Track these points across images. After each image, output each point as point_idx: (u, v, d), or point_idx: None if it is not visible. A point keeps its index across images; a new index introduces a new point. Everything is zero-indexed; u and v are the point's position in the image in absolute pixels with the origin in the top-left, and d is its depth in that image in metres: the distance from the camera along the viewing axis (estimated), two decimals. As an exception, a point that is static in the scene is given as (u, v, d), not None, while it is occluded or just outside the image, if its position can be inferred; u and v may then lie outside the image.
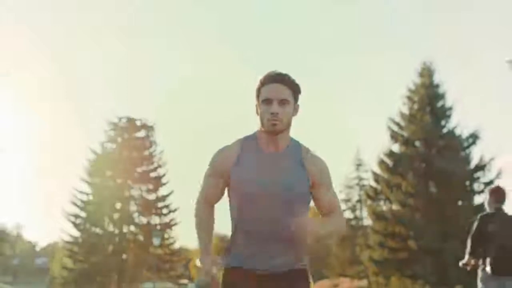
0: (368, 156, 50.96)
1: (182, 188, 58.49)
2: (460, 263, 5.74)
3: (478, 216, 5.62)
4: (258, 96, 2.74)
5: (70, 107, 79.62)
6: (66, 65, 72.98)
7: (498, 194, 5.64)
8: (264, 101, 2.69)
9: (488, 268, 5.38)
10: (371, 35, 72.39)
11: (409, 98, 28.26)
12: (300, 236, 2.60)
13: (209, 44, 79.80)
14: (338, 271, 34.54)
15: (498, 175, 26.24)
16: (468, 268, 5.64)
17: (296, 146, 2.77)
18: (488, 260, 5.40)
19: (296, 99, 2.74)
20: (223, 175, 2.75)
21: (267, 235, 2.66)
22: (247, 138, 2.80)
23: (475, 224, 5.51)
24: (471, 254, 5.53)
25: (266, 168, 2.69)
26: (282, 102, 2.67)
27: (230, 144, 2.80)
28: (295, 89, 2.73)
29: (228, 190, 2.79)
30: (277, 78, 2.70)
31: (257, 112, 2.76)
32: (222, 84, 75.96)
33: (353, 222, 36.41)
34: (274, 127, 2.67)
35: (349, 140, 66.27)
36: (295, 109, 2.75)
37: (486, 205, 5.77)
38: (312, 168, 2.72)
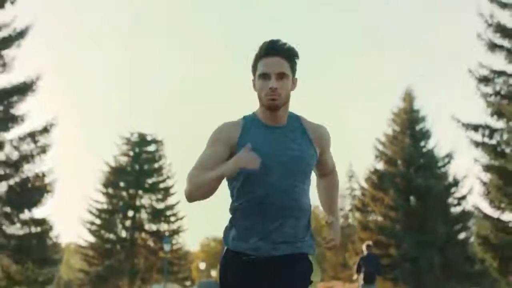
0: (360, 167, 55.39)
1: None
2: (353, 277, 11.70)
3: (360, 257, 11.28)
4: (254, 70, 2.72)
5: (71, 110, 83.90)
6: (67, 67, 77.06)
7: (368, 247, 12.11)
8: (261, 76, 2.66)
9: (362, 281, 11.00)
10: (370, 37, 76.89)
11: (393, 120, 32.79)
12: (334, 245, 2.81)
13: (213, 47, 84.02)
14: (331, 274, 39.15)
15: (470, 190, 30.76)
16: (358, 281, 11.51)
17: (296, 118, 2.79)
18: (361, 276, 10.98)
19: (294, 72, 2.72)
20: (228, 145, 2.69)
21: (277, 208, 2.64)
22: (247, 116, 2.80)
23: (358, 260, 11.21)
24: (357, 273, 11.13)
25: (274, 140, 2.69)
26: (280, 76, 2.65)
27: (231, 121, 2.78)
28: (293, 62, 2.70)
29: None
30: (274, 51, 2.67)
31: (254, 88, 2.73)
32: (226, 89, 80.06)
33: (346, 230, 40.91)
34: (274, 102, 2.65)
35: (344, 148, 70.53)
36: (294, 83, 2.73)
37: (363, 250, 11.35)
38: (317, 137, 2.76)
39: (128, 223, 38.82)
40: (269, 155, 2.64)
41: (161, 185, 39.60)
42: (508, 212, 17.80)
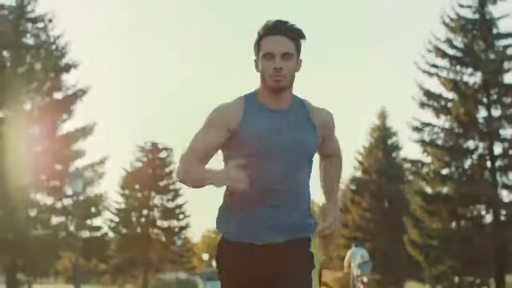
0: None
1: (195, 198, 74.36)
2: None
3: None
4: (257, 50, 2.81)
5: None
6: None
7: None
8: (265, 56, 2.75)
9: None
10: (375, 28, 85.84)
11: (370, 134, 42.18)
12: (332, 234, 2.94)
13: (219, 49, 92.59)
14: (322, 265, 48.96)
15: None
16: None
17: (299, 101, 2.90)
18: None
19: (299, 52, 2.82)
20: (227, 128, 2.80)
21: (278, 195, 2.79)
22: (248, 96, 2.86)
23: None
24: None
25: (277, 126, 2.80)
26: (285, 56, 2.74)
27: (230, 101, 2.86)
28: (299, 42, 2.81)
29: (227, 150, 2.86)
30: (279, 30, 2.76)
31: (257, 68, 2.83)
32: (230, 91, 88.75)
33: (333, 226, 50.58)
34: (278, 84, 2.75)
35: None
36: (298, 64, 2.83)
37: None
38: (320, 121, 2.90)
39: (142, 220, 47.97)
40: (272, 141, 2.76)
41: (171, 187, 48.64)
42: (429, 223, 27.30)
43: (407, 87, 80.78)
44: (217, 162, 2.89)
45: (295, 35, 2.79)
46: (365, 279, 17.99)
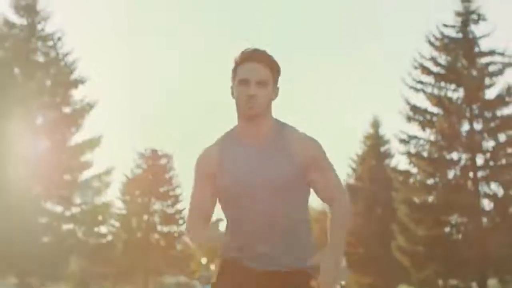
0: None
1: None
2: None
3: None
4: (233, 76, 2.85)
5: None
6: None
7: None
8: (240, 82, 2.79)
9: None
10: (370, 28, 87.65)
11: (363, 142, 44.34)
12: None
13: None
14: (316, 269, 51.10)
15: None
16: None
17: (279, 130, 2.88)
18: None
19: (276, 80, 2.86)
20: (210, 179, 2.90)
21: (260, 233, 2.82)
22: (227, 134, 2.94)
23: None
24: None
25: (247, 164, 2.84)
26: (261, 83, 2.77)
27: (210, 145, 2.95)
28: (275, 69, 2.83)
29: (218, 195, 2.94)
30: (254, 57, 2.80)
31: (232, 96, 2.87)
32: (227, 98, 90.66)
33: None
34: (251, 111, 2.79)
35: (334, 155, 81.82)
36: (275, 92, 2.86)
37: None
38: (300, 149, 2.84)
39: (143, 225, 49.99)
40: (242, 184, 2.82)
41: (171, 193, 50.65)
42: (414, 231, 29.55)
43: (400, 98, 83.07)
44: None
45: (271, 64, 2.84)
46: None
